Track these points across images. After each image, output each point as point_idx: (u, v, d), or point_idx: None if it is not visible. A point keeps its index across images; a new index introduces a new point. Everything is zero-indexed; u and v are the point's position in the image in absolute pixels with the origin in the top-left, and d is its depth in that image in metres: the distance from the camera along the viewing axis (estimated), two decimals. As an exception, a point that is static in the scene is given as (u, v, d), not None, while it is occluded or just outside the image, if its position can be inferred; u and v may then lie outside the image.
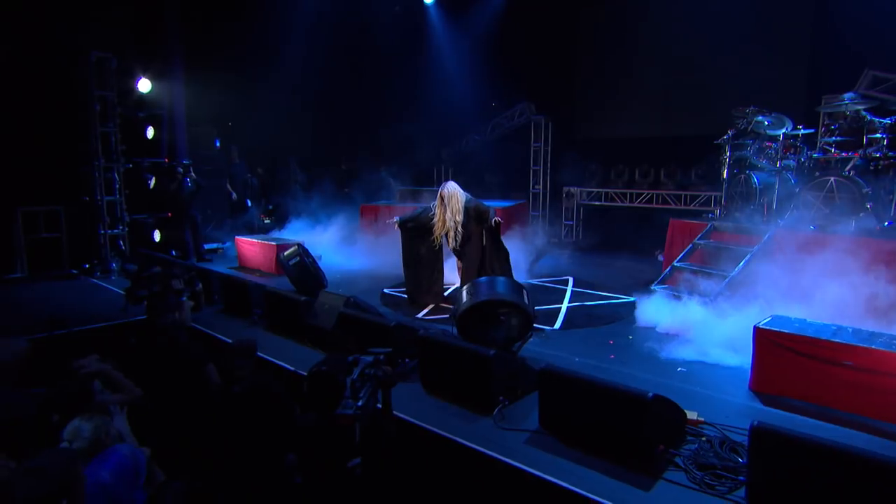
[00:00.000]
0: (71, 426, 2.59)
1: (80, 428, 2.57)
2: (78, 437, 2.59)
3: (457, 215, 6.13)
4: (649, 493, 2.88)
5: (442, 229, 6.25)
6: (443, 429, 3.57)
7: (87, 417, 2.60)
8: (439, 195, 6.26)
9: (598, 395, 3.30)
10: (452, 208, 6.14)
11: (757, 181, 6.61)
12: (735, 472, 2.97)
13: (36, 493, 1.86)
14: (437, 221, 6.25)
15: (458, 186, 6.33)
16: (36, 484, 1.87)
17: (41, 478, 1.89)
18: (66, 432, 2.61)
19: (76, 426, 2.58)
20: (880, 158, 5.90)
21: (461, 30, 12.76)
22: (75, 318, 6.07)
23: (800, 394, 3.96)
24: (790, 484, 2.66)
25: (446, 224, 6.18)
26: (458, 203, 6.15)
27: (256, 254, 8.86)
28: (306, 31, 11.66)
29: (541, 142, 12.49)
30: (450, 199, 6.15)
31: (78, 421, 2.58)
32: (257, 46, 10.94)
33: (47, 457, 2.03)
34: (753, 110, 6.93)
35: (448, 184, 6.33)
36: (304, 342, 5.24)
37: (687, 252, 6.77)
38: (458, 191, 6.26)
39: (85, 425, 2.57)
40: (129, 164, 8.96)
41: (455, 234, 6.18)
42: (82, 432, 2.57)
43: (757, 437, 2.75)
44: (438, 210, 6.25)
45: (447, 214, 6.17)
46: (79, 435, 2.58)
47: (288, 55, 11.52)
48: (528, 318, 4.76)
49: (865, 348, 3.67)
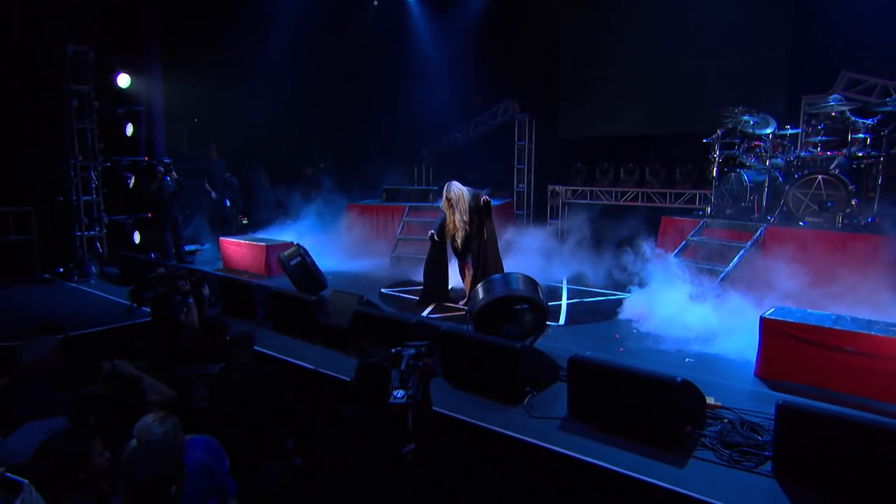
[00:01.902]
0: (143, 424, 2.72)
1: (151, 427, 2.71)
2: (147, 436, 2.72)
3: (464, 215, 6.35)
4: (684, 470, 3.19)
5: (454, 231, 6.44)
6: (475, 419, 3.81)
7: (160, 417, 2.73)
8: (446, 198, 6.44)
9: (628, 382, 3.60)
10: (461, 209, 6.35)
11: (747, 179, 7.08)
12: (760, 448, 3.31)
13: (150, 476, 2.01)
14: (449, 224, 6.44)
15: (461, 185, 6.53)
16: (150, 468, 2.03)
17: (154, 462, 2.04)
18: (137, 430, 2.74)
19: (148, 425, 2.71)
20: (863, 157, 6.42)
21: (443, 27, 13.01)
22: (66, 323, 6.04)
23: (803, 379, 4.35)
24: (813, 455, 3.01)
25: (457, 226, 6.38)
26: (465, 203, 6.37)
27: (244, 255, 8.91)
28: (286, 27, 11.72)
29: (525, 140, 12.86)
30: (458, 201, 6.34)
31: (150, 419, 2.72)
32: (235, 42, 10.93)
33: (156, 444, 2.18)
34: (741, 110, 7.41)
35: (453, 185, 6.49)
36: (316, 341, 5.40)
37: (681, 248, 7.19)
38: (464, 190, 6.46)
39: (156, 425, 2.71)
40: (106, 163, 8.86)
41: (463, 233, 6.39)
42: (153, 431, 2.71)
43: (783, 414, 3.09)
44: (448, 213, 6.45)
45: (456, 217, 6.38)
46: (149, 433, 2.72)
47: (267, 51, 11.55)
48: (542, 312, 5.06)
49: (865, 334, 4.09)
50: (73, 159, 8.48)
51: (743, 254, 6.45)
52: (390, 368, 3.19)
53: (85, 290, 7.94)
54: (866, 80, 8.59)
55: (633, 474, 3.10)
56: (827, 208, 6.34)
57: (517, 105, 12.88)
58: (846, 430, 2.92)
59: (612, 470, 3.17)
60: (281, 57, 11.69)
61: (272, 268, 8.53)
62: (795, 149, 7.06)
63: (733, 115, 7.46)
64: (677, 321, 5.88)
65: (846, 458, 2.91)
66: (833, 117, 6.69)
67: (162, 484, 2.02)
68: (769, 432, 3.46)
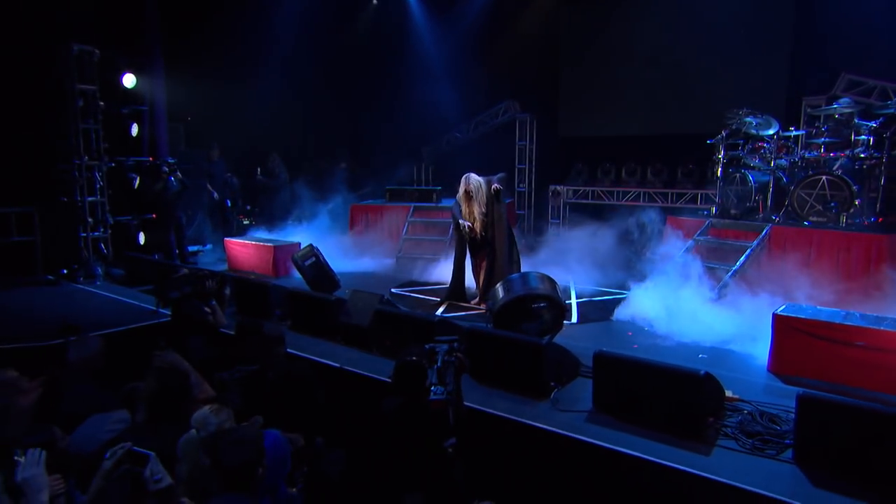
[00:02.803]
0: (200, 415, 2.90)
1: (208, 418, 2.89)
2: (205, 426, 2.90)
3: (482, 207, 6.54)
4: (710, 458, 3.41)
5: (472, 222, 6.59)
6: (504, 413, 4.01)
7: (216, 409, 2.91)
8: (465, 190, 6.54)
9: (652, 375, 3.82)
10: (480, 201, 6.53)
11: (752, 180, 7.35)
12: (780, 437, 3.55)
13: (239, 460, 2.20)
14: (468, 217, 6.59)
15: (478, 176, 6.67)
16: (239, 452, 2.21)
17: (243, 447, 2.23)
18: (195, 420, 2.92)
19: (205, 416, 2.89)
20: (865, 158, 6.71)
21: (444, 27, 13.22)
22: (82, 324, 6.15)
23: (815, 374, 4.59)
24: (833, 443, 3.24)
25: (476, 218, 6.55)
26: (483, 195, 6.56)
27: (250, 256, 9.04)
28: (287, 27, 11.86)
29: (526, 140, 13.09)
30: (477, 192, 6.52)
31: (207, 411, 2.90)
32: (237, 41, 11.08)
33: (244, 430, 2.36)
34: (744, 112, 7.69)
35: (471, 177, 6.61)
36: (336, 340, 5.57)
37: (688, 248, 7.44)
38: (482, 181, 6.62)
39: (212, 417, 2.89)
40: (111, 163, 8.96)
41: (481, 225, 6.57)
42: (210, 422, 2.89)
43: (804, 403, 3.32)
44: (465, 206, 6.60)
45: (475, 209, 6.54)
46: (206, 424, 2.90)
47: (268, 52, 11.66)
48: (561, 310, 5.27)
49: (875, 329, 4.34)
50: (78, 159, 8.57)
51: (749, 253, 6.71)
52: (427, 365, 3.39)
53: (92, 292, 8.03)
54: (865, 81, 8.92)
55: (664, 462, 3.32)
56: (831, 208, 6.62)
57: (518, 105, 13.12)
58: (864, 419, 3.16)
59: (644, 458, 3.38)
60: (282, 57, 11.82)
61: (280, 268, 8.69)
62: (799, 150, 7.33)
63: (737, 117, 7.73)
64: (686, 319, 6.12)
65: (865, 445, 3.14)
66: (836, 119, 6.97)
67: (251, 466, 2.21)
68: (787, 422, 3.69)
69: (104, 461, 2.20)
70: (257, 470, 2.24)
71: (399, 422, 3.39)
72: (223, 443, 2.29)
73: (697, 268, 6.87)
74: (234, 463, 2.20)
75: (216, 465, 2.24)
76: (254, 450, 2.26)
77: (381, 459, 3.33)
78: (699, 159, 10.57)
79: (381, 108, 13.76)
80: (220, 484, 2.23)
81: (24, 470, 2.24)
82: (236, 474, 2.19)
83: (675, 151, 11.20)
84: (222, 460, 2.21)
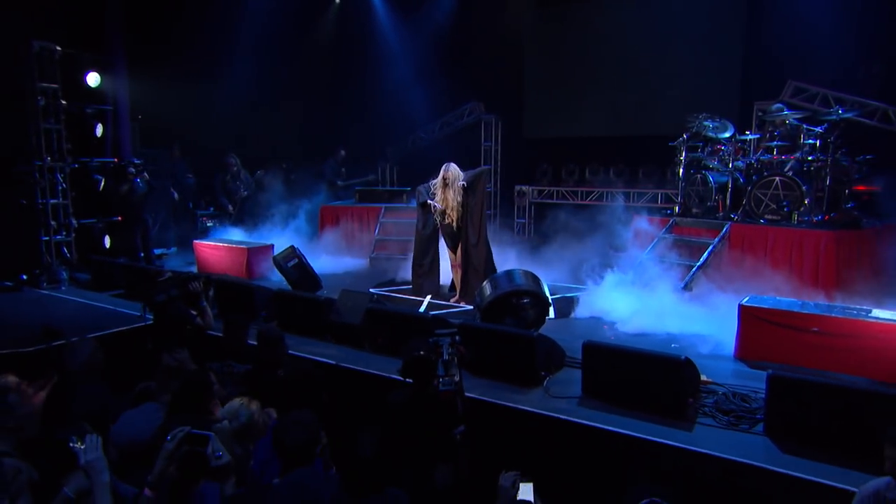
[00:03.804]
0: (231, 407, 3.12)
1: (238, 410, 3.11)
2: (235, 418, 3.12)
3: (458, 196, 6.91)
4: (693, 434, 3.86)
5: (445, 207, 7.02)
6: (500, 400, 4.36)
7: (246, 401, 3.13)
8: (443, 176, 7.04)
9: (637, 362, 4.25)
10: (455, 189, 6.93)
11: (712, 180, 7.96)
12: (752, 413, 4.03)
13: (300, 440, 2.45)
14: (442, 203, 7.01)
15: (459, 169, 7.11)
16: (300, 432, 2.46)
17: (303, 428, 2.48)
18: (225, 412, 3.14)
19: (236, 408, 3.11)
20: (813, 161, 7.39)
21: (410, 28, 13.49)
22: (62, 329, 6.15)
23: (777, 358, 5.12)
24: (798, 416, 3.73)
25: (450, 204, 6.95)
26: (459, 186, 6.95)
27: (222, 258, 9.08)
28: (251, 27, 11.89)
29: (491, 141, 13.52)
30: (453, 182, 6.93)
31: (238, 403, 3.12)
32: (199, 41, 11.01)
33: (302, 413, 2.60)
34: (704, 116, 8.30)
35: (451, 165, 7.12)
36: (327, 339, 5.80)
37: (654, 245, 7.99)
38: (461, 174, 7.05)
39: (244, 408, 3.11)
40: (75, 164, 8.85)
41: (456, 214, 6.95)
42: (240, 414, 3.11)
43: (773, 382, 3.80)
44: (440, 191, 7.02)
45: (449, 194, 6.97)
46: (237, 416, 3.12)
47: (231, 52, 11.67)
48: (545, 305, 5.67)
49: (827, 316, 4.91)
50: (39, 161, 8.44)
51: (712, 249, 7.29)
52: (434, 358, 3.69)
53: (59, 297, 7.95)
54: (809, 88, 9.73)
55: (653, 438, 3.74)
56: (784, 207, 7.27)
57: (483, 106, 13.52)
58: (826, 393, 3.66)
59: (634, 435, 3.80)
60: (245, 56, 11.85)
61: (253, 271, 8.79)
62: (754, 153, 7.98)
63: (696, 121, 8.33)
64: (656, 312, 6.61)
65: (825, 416, 3.64)
66: (786, 124, 7.65)
67: (311, 445, 2.47)
68: (757, 401, 4.18)
69: (166, 443, 2.41)
70: (316, 448, 2.50)
71: (411, 412, 3.68)
72: (285, 425, 2.53)
73: (664, 263, 7.43)
74: (296, 442, 2.45)
75: (279, 445, 2.48)
76: (313, 431, 2.52)
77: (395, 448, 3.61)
78: (660, 160, 11.20)
79: (346, 109, 13.92)
80: (283, 462, 2.47)
81: (86, 454, 2.44)
82: (298, 453, 2.44)
83: (636, 152, 11.83)
84: (285, 440, 2.46)
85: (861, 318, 4.81)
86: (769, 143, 7.77)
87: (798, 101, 9.60)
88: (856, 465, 3.32)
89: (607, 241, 10.07)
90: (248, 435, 3.15)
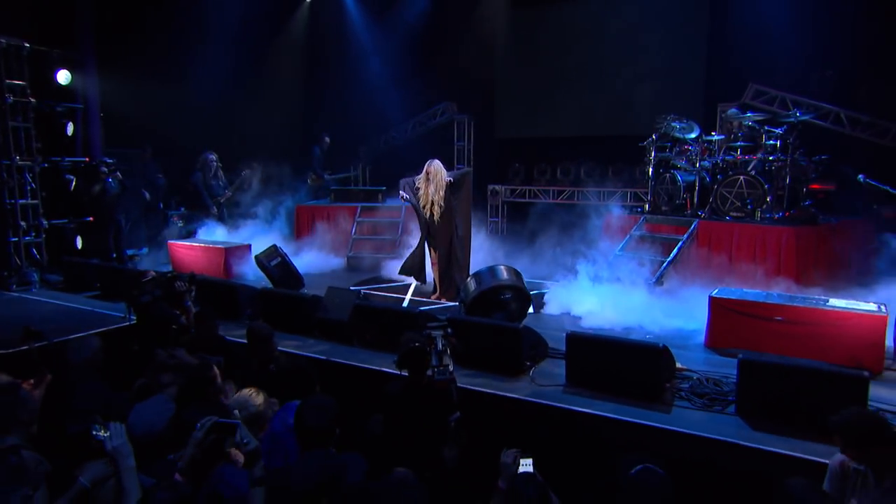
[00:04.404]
0: (241, 397, 3.28)
1: (249, 399, 3.27)
2: (245, 408, 3.28)
3: (440, 191, 7.12)
4: (671, 416, 4.17)
5: (426, 202, 7.22)
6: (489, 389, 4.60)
7: (255, 392, 3.29)
8: (426, 171, 7.26)
9: (618, 350, 4.54)
10: (437, 184, 7.14)
11: (681, 179, 8.37)
12: (724, 395, 4.36)
13: (320, 423, 2.63)
14: (424, 198, 7.23)
15: (442, 165, 7.35)
16: (319, 416, 2.65)
17: (322, 412, 2.66)
18: (235, 401, 3.29)
19: (246, 398, 3.28)
20: (774, 161, 7.87)
21: (382, 28, 13.65)
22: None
23: (744, 345, 5.45)
24: (766, 396, 4.07)
25: (430, 199, 7.14)
26: (442, 180, 7.14)
27: (198, 258, 9.09)
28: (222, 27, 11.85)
29: (464, 141, 13.79)
30: (435, 176, 7.13)
31: (247, 394, 3.28)
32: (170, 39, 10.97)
33: (323, 398, 2.78)
34: (671, 117, 8.73)
35: (436, 161, 7.38)
36: (314, 335, 5.95)
37: (626, 242, 8.36)
38: (444, 172, 7.25)
39: (253, 398, 3.27)
40: (45, 164, 8.74)
41: (438, 209, 7.17)
42: (251, 403, 3.27)
43: (743, 365, 4.14)
44: (423, 186, 7.25)
45: (430, 189, 7.17)
46: (246, 406, 3.28)
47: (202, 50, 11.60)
48: (526, 299, 5.94)
49: (790, 306, 5.30)
50: (7, 160, 8.31)
51: (681, 245, 7.69)
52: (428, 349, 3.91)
53: (31, 299, 7.86)
54: (769, 91, 10.29)
55: (635, 419, 4.03)
56: (747, 205, 7.72)
57: (455, 106, 13.77)
58: (791, 375, 4.01)
59: (617, 418, 4.09)
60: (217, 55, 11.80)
61: (231, 271, 8.83)
62: (719, 153, 8.43)
63: (665, 122, 8.75)
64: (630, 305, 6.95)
65: (792, 396, 3.98)
66: (749, 126, 8.11)
67: (331, 428, 2.65)
68: (729, 385, 4.52)
69: (195, 432, 2.56)
70: (335, 431, 2.69)
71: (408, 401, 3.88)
72: (305, 408, 2.71)
73: (635, 259, 7.80)
74: (316, 425, 2.63)
75: (300, 426, 2.66)
76: (332, 414, 2.70)
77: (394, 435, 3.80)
78: (629, 159, 11.64)
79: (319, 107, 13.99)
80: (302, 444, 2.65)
81: (112, 440, 2.57)
82: (317, 435, 2.62)
83: (606, 152, 12.24)
84: (305, 422, 2.64)
85: (819, 307, 5.23)
86: (733, 143, 8.23)
87: (759, 103, 10.13)
88: (819, 439, 3.66)
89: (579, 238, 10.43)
90: (256, 424, 3.32)
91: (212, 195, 10.34)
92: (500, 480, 2.80)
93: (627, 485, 2.40)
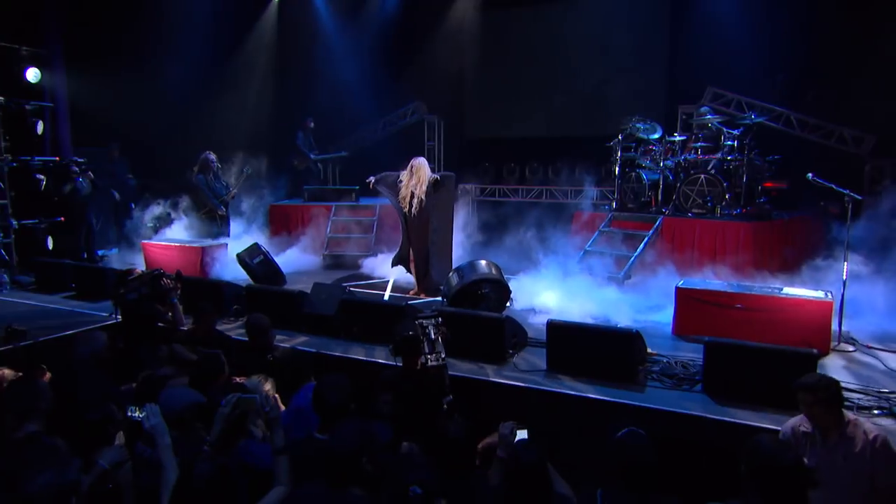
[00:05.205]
0: (251, 383, 3.52)
1: (258, 386, 3.51)
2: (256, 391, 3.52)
3: (421, 185, 7.42)
4: (645, 394, 4.58)
5: (406, 193, 7.51)
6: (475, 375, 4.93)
7: (264, 378, 3.54)
8: (410, 165, 7.57)
9: (595, 336, 4.94)
10: (418, 178, 7.45)
11: (646, 178, 8.88)
12: (692, 376, 4.80)
13: (340, 398, 2.91)
14: (405, 190, 7.53)
15: (427, 163, 7.68)
16: (339, 392, 2.92)
17: (339, 390, 2.94)
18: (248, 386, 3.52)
19: (256, 382, 3.51)
20: (731, 160, 8.44)
21: (352, 28, 13.85)
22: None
23: (708, 332, 5.87)
24: (730, 375, 4.52)
25: (409, 190, 7.47)
26: (425, 175, 7.45)
27: (174, 258, 9.12)
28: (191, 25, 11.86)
29: (434, 140, 14.11)
30: (418, 170, 7.45)
31: (257, 379, 3.52)
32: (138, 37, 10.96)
33: (338, 377, 3.05)
34: (636, 119, 9.22)
35: (420, 157, 7.70)
36: (301, 329, 6.17)
37: (595, 238, 8.81)
38: (427, 171, 7.56)
39: (262, 385, 3.52)
40: (13, 163, 8.68)
41: (417, 202, 7.46)
42: (259, 389, 3.51)
43: (709, 347, 4.59)
44: (406, 178, 7.55)
45: (412, 181, 7.49)
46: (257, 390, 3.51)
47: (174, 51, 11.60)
48: (505, 292, 6.29)
49: (749, 294, 5.80)
50: (-26, 159, 8.26)
51: (647, 240, 8.17)
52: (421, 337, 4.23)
53: (3, 300, 7.82)
54: (726, 94, 10.94)
55: (611, 398, 4.43)
56: (708, 202, 8.26)
57: (425, 106, 14.07)
58: (751, 355, 4.47)
59: (595, 398, 4.48)
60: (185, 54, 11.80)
61: (207, 270, 8.92)
62: (681, 152, 8.97)
63: (629, 123, 9.25)
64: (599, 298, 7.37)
65: (752, 374, 4.44)
66: (709, 127, 8.67)
67: (347, 403, 2.94)
68: (696, 367, 4.96)
69: (221, 408, 2.81)
70: (350, 406, 2.97)
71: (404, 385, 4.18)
72: (324, 386, 2.98)
73: (604, 255, 8.25)
74: (336, 400, 2.91)
75: (320, 403, 2.92)
76: (347, 391, 2.98)
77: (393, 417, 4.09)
78: (596, 159, 12.13)
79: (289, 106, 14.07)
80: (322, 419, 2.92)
81: (149, 420, 2.80)
82: (337, 409, 2.89)
83: (573, 152, 12.70)
84: (327, 398, 2.91)
85: (774, 294, 5.74)
86: (695, 143, 8.77)
87: (716, 105, 10.75)
88: (776, 411, 4.11)
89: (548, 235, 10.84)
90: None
91: (215, 195, 10.38)
92: (498, 450, 3.12)
93: (616, 444, 2.75)
